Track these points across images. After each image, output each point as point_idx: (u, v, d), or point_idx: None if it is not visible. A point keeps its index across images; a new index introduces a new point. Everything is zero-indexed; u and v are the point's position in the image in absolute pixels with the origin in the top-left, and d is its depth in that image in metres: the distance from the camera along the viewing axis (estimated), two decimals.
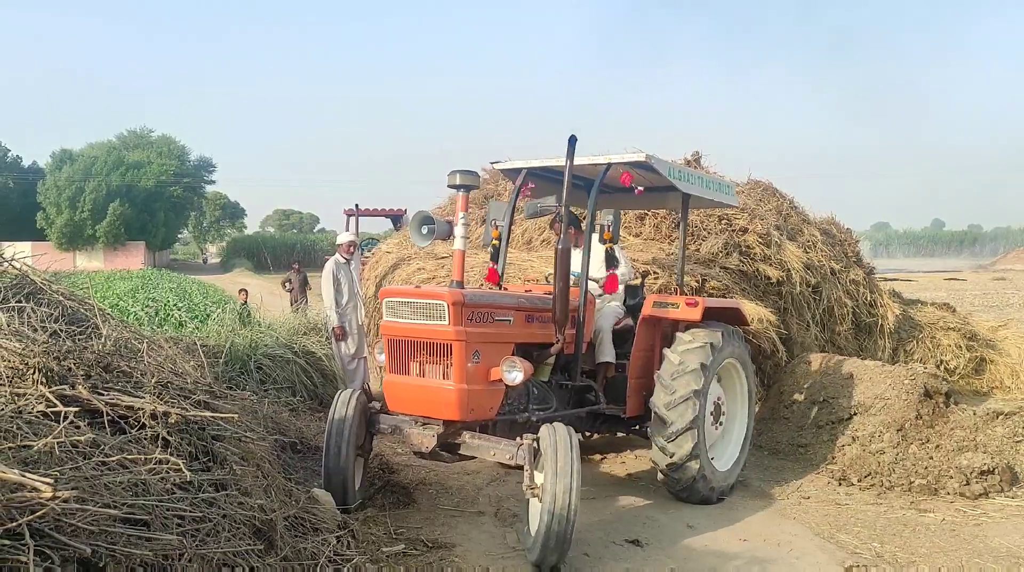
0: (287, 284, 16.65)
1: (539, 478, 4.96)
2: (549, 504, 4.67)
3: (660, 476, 6.44)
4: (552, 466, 4.73)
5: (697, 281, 8.83)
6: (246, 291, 15.91)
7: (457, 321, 5.31)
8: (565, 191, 5.54)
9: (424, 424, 5.61)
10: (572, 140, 5.48)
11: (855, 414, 7.83)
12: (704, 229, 9.81)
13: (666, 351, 6.45)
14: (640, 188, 6.27)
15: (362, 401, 5.91)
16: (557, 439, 4.83)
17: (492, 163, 6.90)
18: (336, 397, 5.92)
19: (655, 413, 6.27)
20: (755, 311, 8.82)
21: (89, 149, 58.95)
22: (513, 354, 5.57)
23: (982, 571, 5.29)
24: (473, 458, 5.70)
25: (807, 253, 10.48)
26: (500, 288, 6.66)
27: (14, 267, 5.57)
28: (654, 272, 8.61)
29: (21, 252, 6.75)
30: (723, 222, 9.93)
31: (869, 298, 11.21)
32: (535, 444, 5.01)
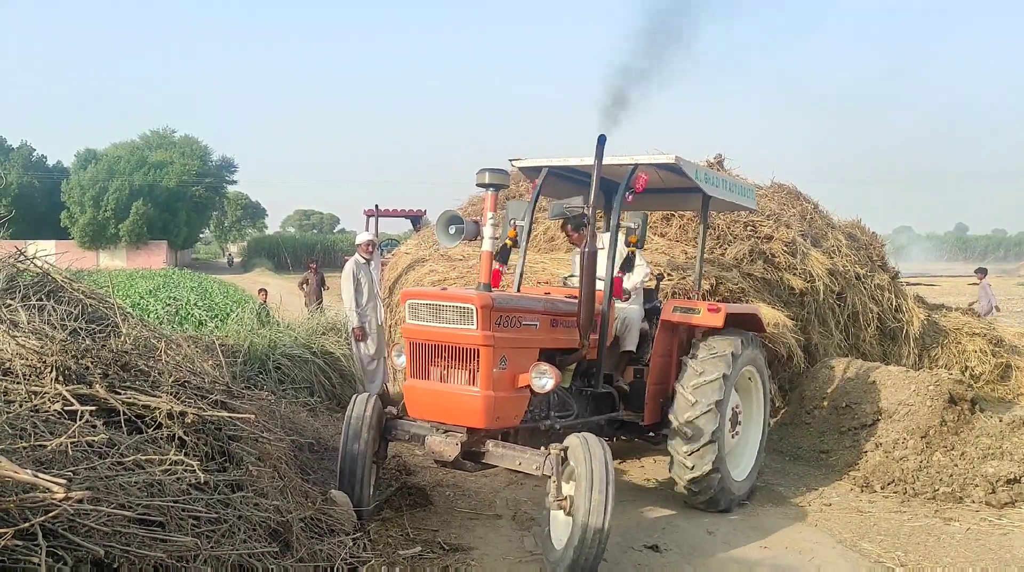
0: (304, 285, 16.60)
1: (567, 489, 4.82)
2: (582, 521, 4.52)
3: (680, 488, 6.31)
4: (587, 482, 4.58)
5: (711, 283, 8.74)
6: (266, 291, 15.98)
7: (485, 325, 5.12)
8: (592, 192, 5.38)
9: (446, 431, 5.41)
10: (601, 140, 5.35)
11: (878, 420, 7.72)
12: (731, 234, 9.74)
13: (687, 360, 6.34)
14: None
15: (378, 406, 5.75)
16: (591, 454, 4.66)
17: (511, 161, 6.80)
18: (352, 401, 5.76)
19: (675, 425, 6.12)
20: (771, 315, 8.72)
21: (113, 149, 59.55)
22: (539, 360, 5.47)
23: None
24: (495, 466, 5.53)
25: (831, 258, 10.38)
26: (518, 290, 6.58)
27: (36, 266, 5.59)
28: (668, 274, 8.53)
29: (44, 250, 6.80)
30: (748, 228, 9.86)
31: (894, 303, 11.09)
32: (563, 454, 4.86)
